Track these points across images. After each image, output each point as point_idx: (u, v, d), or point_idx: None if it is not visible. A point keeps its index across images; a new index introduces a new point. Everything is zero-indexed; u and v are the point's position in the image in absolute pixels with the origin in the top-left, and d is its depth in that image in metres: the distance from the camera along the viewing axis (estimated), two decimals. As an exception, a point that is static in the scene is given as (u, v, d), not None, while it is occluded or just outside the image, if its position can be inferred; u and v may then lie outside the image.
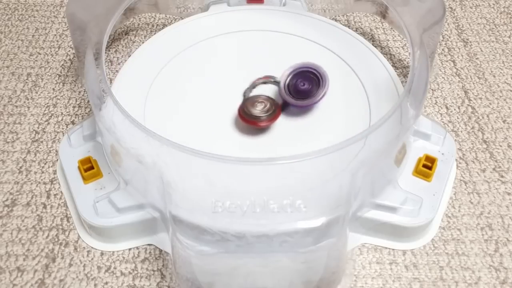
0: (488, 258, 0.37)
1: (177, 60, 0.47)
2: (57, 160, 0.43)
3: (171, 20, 0.57)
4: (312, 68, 0.41)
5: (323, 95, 0.41)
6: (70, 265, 0.37)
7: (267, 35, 0.49)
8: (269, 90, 0.42)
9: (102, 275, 0.36)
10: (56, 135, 0.45)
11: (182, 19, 0.51)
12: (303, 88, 0.41)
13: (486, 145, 0.44)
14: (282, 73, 0.41)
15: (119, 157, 0.37)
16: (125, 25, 0.56)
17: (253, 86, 0.41)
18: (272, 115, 0.40)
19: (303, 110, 0.42)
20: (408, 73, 0.49)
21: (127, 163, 0.37)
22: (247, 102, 0.41)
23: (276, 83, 0.40)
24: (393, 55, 0.53)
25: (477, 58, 0.52)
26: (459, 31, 0.56)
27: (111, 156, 0.39)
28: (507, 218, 0.39)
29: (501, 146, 0.44)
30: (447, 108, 0.47)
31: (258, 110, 0.40)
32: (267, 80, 0.41)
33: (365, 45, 0.47)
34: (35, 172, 0.42)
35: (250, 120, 0.40)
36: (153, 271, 0.36)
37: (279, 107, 0.41)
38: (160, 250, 0.37)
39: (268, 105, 0.41)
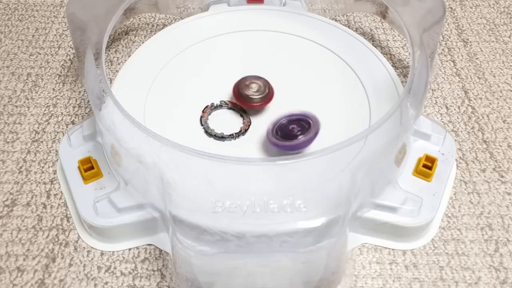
0: (488, 258, 0.37)
1: (177, 60, 0.47)
2: (57, 160, 0.43)
3: (171, 20, 0.57)
4: (305, 116, 0.39)
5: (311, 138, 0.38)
6: (70, 265, 0.37)
7: (267, 35, 0.49)
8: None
9: (102, 275, 0.36)
10: (56, 135, 0.45)
11: (182, 19, 0.51)
12: (293, 132, 0.38)
13: (486, 145, 0.44)
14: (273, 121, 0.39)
15: (119, 157, 0.37)
16: (125, 25, 0.56)
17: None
18: (266, 97, 0.41)
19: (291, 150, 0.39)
20: (408, 73, 0.49)
21: (127, 163, 0.37)
22: (241, 83, 0.41)
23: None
24: (393, 55, 0.53)
25: (477, 58, 0.52)
26: (459, 31, 0.56)
27: (111, 156, 0.39)
28: (507, 218, 0.39)
29: (501, 146, 0.44)
30: (447, 108, 0.47)
31: (252, 91, 0.41)
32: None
33: (365, 45, 0.47)
34: (35, 172, 0.42)
35: (244, 102, 0.41)
36: (153, 271, 0.36)
37: (272, 89, 0.42)
38: (160, 250, 0.37)
39: (262, 87, 0.41)
